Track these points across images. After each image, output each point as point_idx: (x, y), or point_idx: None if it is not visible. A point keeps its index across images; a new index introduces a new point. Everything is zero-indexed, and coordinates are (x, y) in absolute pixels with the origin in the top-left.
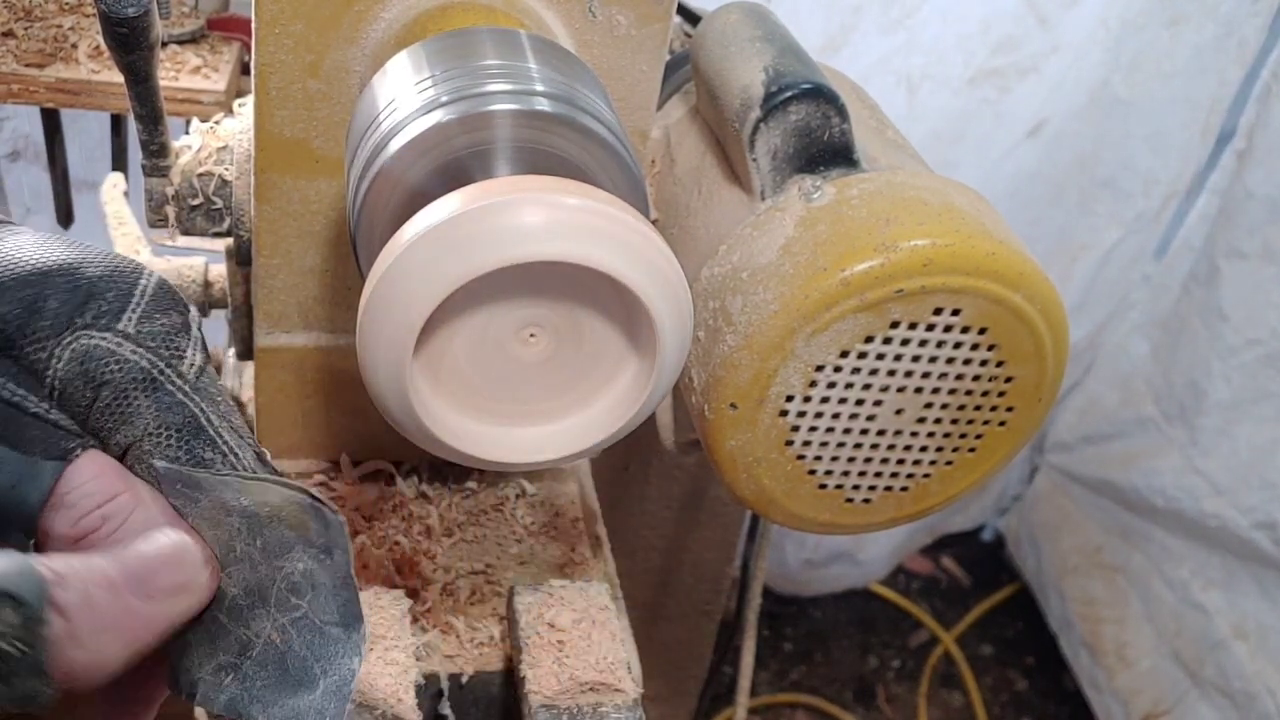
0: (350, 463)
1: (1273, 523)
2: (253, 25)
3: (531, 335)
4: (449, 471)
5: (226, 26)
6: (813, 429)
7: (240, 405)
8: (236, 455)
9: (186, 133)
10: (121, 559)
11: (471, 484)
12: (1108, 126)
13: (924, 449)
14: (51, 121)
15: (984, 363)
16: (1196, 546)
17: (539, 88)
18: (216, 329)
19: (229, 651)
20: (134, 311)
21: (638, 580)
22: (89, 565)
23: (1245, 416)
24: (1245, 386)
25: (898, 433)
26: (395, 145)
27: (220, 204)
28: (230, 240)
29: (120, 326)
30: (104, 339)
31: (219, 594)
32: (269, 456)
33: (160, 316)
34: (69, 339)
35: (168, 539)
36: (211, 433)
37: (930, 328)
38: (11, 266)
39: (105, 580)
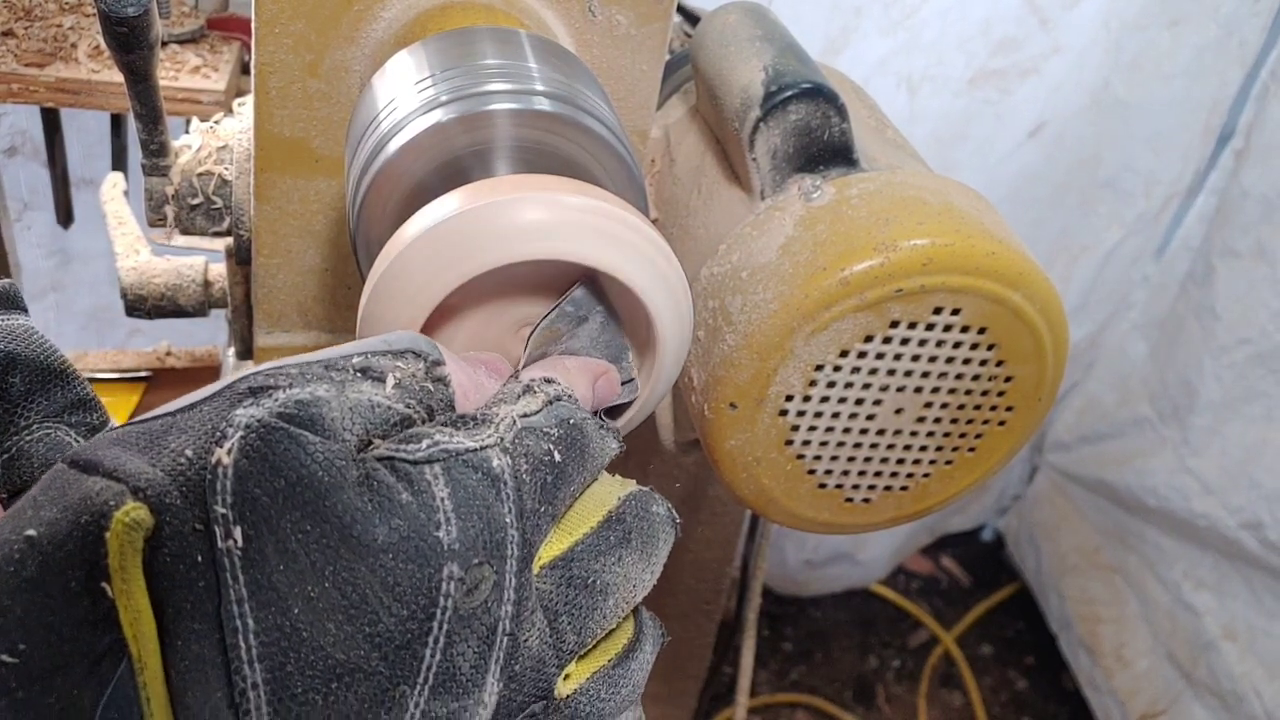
0: None
1: (1259, 523)
2: (252, 25)
3: None
4: None
5: (226, 26)
6: (812, 428)
7: None
8: None
9: (186, 132)
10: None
11: None
12: (1108, 127)
13: (924, 449)
14: (51, 121)
15: (984, 362)
16: (1188, 546)
17: (539, 87)
18: (216, 328)
19: None
20: None
21: None
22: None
23: (1235, 416)
24: (1235, 386)
25: (898, 432)
26: (395, 144)
27: (220, 203)
28: (230, 240)
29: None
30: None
31: None
32: None
33: None
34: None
35: None
36: None
37: (930, 327)
38: None
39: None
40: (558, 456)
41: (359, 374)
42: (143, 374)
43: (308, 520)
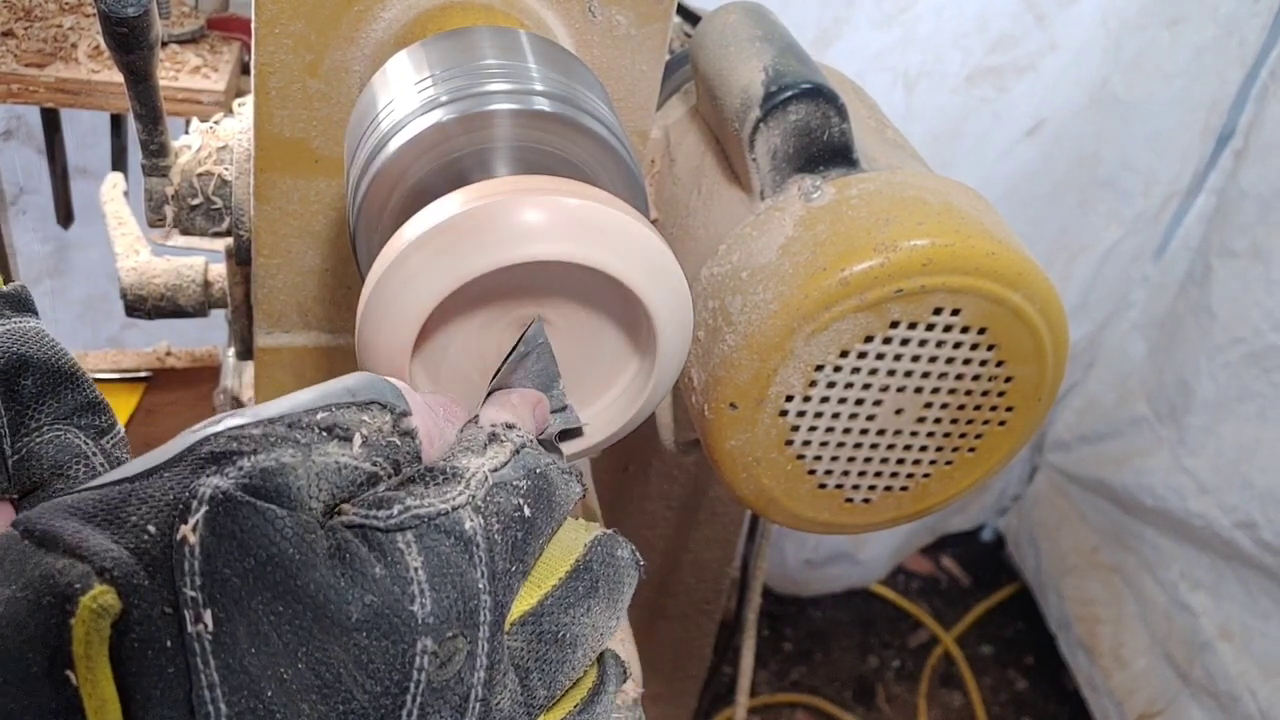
0: None
1: (1253, 522)
2: (252, 25)
3: None
4: None
5: (226, 26)
6: (812, 429)
7: (240, 405)
8: None
9: (186, 132)
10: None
11: None
12: (1107, 126)
13: (924, 449)
14: (51, 121)
15: (984, 362)
16: (1185, 546)
17: (539, 87)
18: (216, 328)
19: None
20: None
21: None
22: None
23: (1230, 415)
24: (1230, 385)
25: (898, 432)
26: (395, 145)
27: (220, 204)
28: (230, 240)
29: None
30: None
31: None
32: None
33: None
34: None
35: None
36: None
37: (930, 327)
38: None
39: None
40: (528, 511)
41: (324, 433)
42: (143, 374)
43: (279, 600)
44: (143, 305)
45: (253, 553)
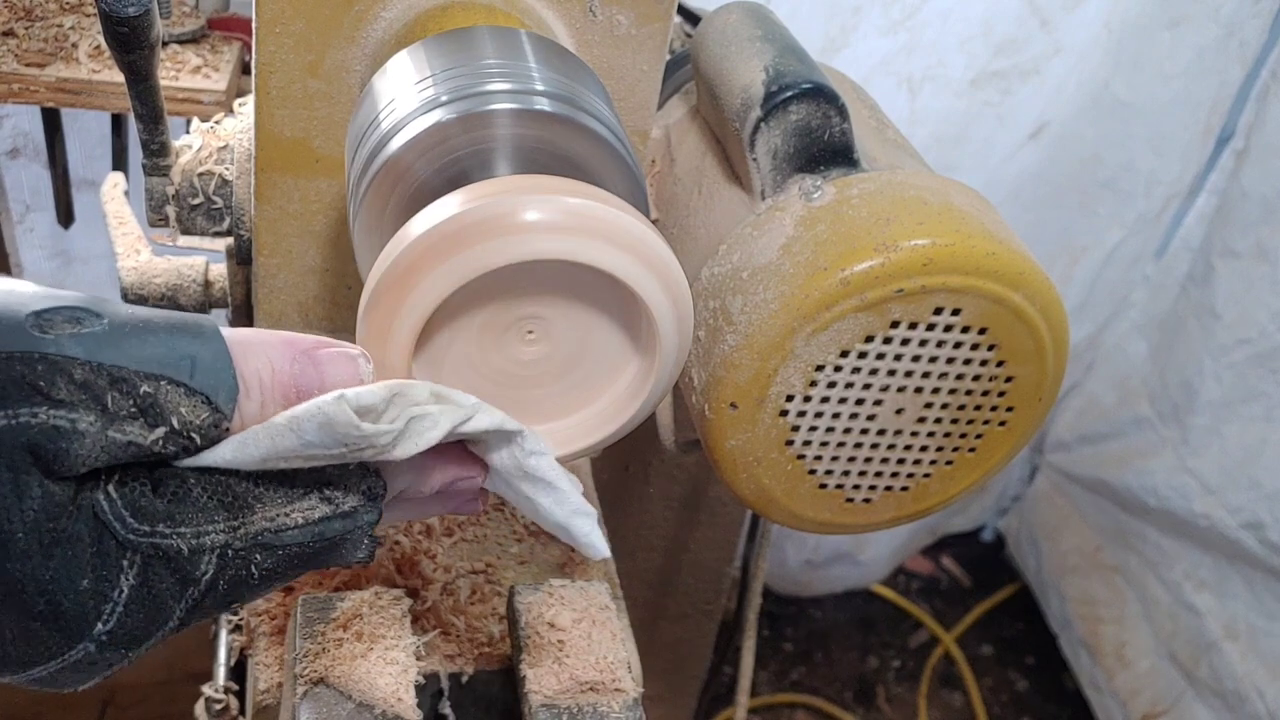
0: None
1: (1259, 523)
2: (253, 25)
3: (531, 334)
4: None
5: (227, 26)
6: (813, 429)
7: None
8: None
9: (187, 132)
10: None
11: None
12: (1109, 128)
13: (924, 449)
14: (52, 121)
15: (984, 363)
16: (1188, 547)
17: (539, 87)
18: None
19: None
20: None
21: (638, 580)
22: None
23: (1235, 416)
24: (1235, 386)
25: (898, 432)
26: (395, 144)
27: (220, 203)
28: (230, 240)
29: None
30: None
31: None
32: None
33: None
34: None
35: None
36: None
37: (930, 327)
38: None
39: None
40: (275, 583)
41: (137, 410)
42: None
43: None
44: (143, 305)
45: None
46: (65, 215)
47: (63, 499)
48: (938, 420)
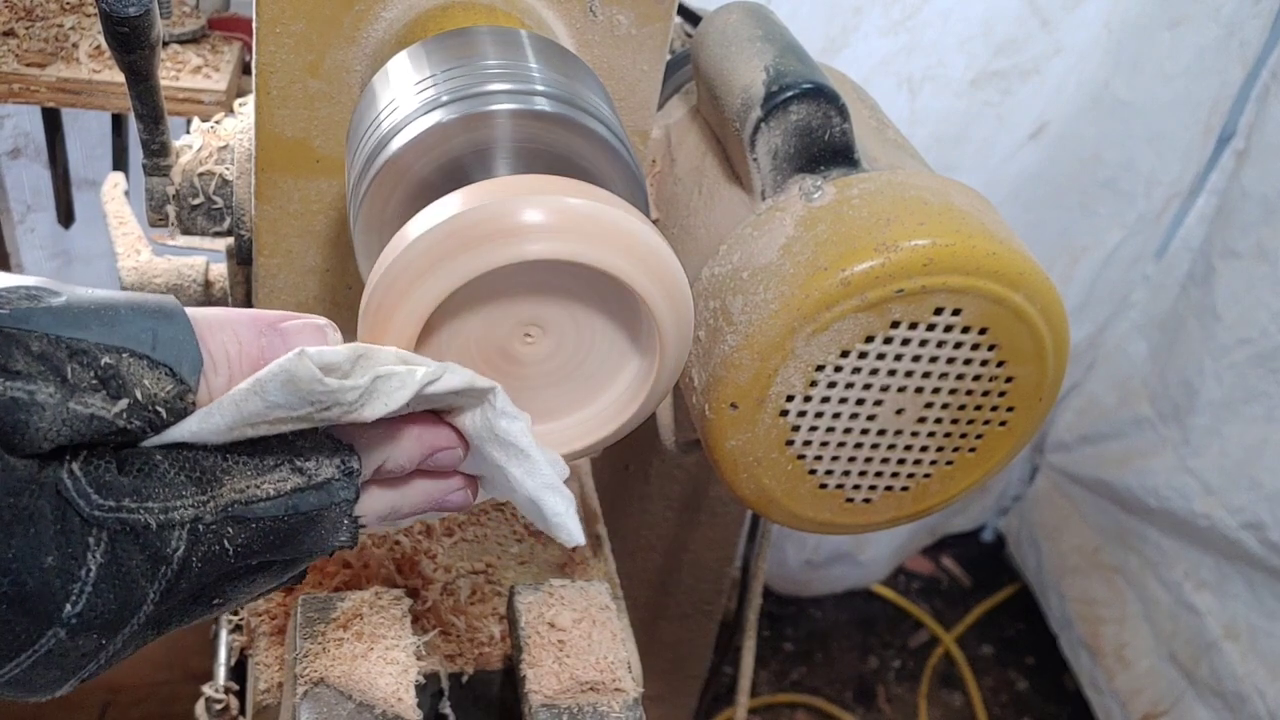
0: None
1: (1260, 523)
2: (253, 25)
3: (531, 335)
4: None
5: (227, 26)
6: (813, 429)
7: None
8: None
9: (187, 132)
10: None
11: None
12: (1109, 128)
13: (924, 449)
14: (52, 121)
15: (984, 363)
16: (1188, 547)
17: (539, 87)
18: None
19: None
20: None
21: (638, 580)
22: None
23: (1235, 416)
24: (1236, 386)
25: (898, 433)
26: (396, 145)
27: (221, 203)
28: (231, 240)
29: None
30: None
31: None
32: None
33: None
34: None
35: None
36: None
37: (931, 328)
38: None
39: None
40: (253, 562)
41: (98, 382)
42: None
43: None
44: None
45: None
46: (65, 215)
47: (24, 475)
48: (938, 420)
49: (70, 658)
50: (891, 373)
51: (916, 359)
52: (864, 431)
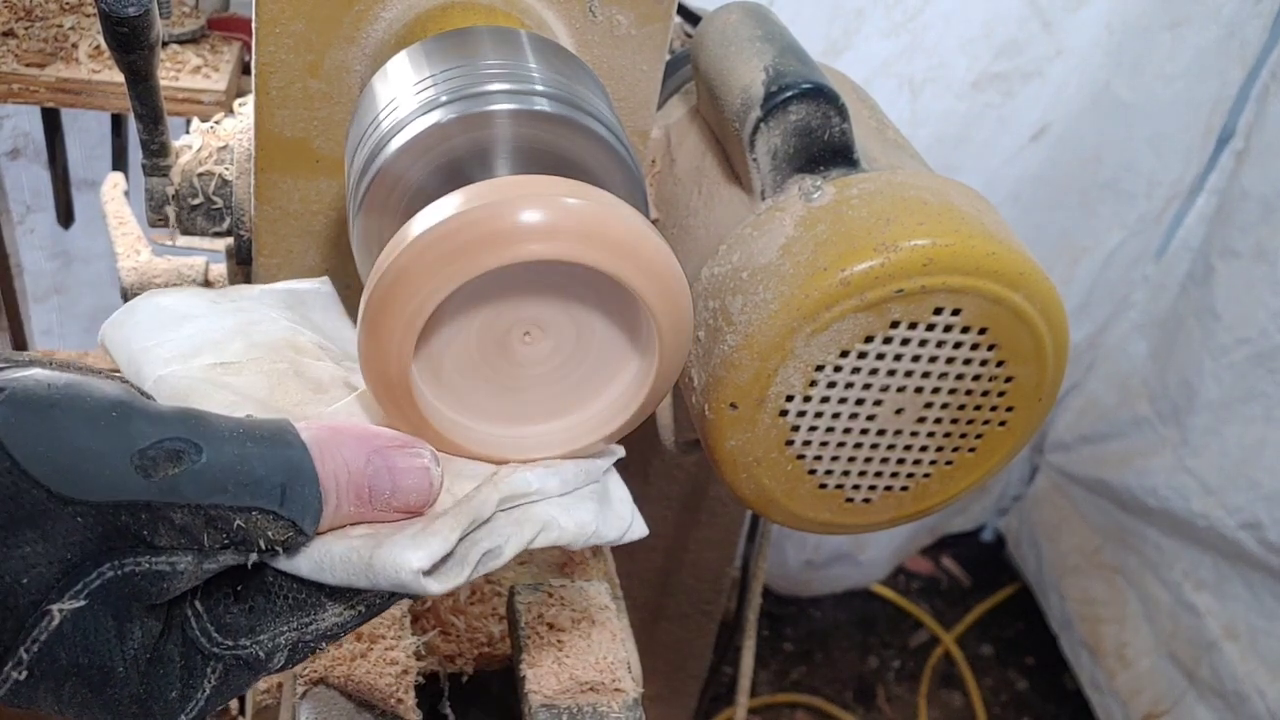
0: None
1: (1258, 523)
2: (253, 25)
3: (531, 335)
4: None
5: (227, 26)
6: (813, 429)
7: None
8: None
9: (187, 132)
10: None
11: None
12: (1110, 129)
13: (924, 449)
14: (52, 121)
15: (984, 363)
16: (1187, 547)
17: (539, 87)
18: None
19: None
20: None
21: (638, 580)
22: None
23: (1234, 416)
24: (1235, 385)
25: (898, 433)
26: (395, 145)
27: (220, 204)
28: (230, 240)
29: None
30: None
31: None
32: None
33: None
34: None
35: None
36: None
37: (930, 328)
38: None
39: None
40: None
41: (228, 541)
42: None
43: (85, 687)
44: None
45: (89, 656)
46: (65, 215)
47: (157, 627)
48: (938, 420)
49: None
50: (891, 373)
51: (916, 359)
52: (864, 431)
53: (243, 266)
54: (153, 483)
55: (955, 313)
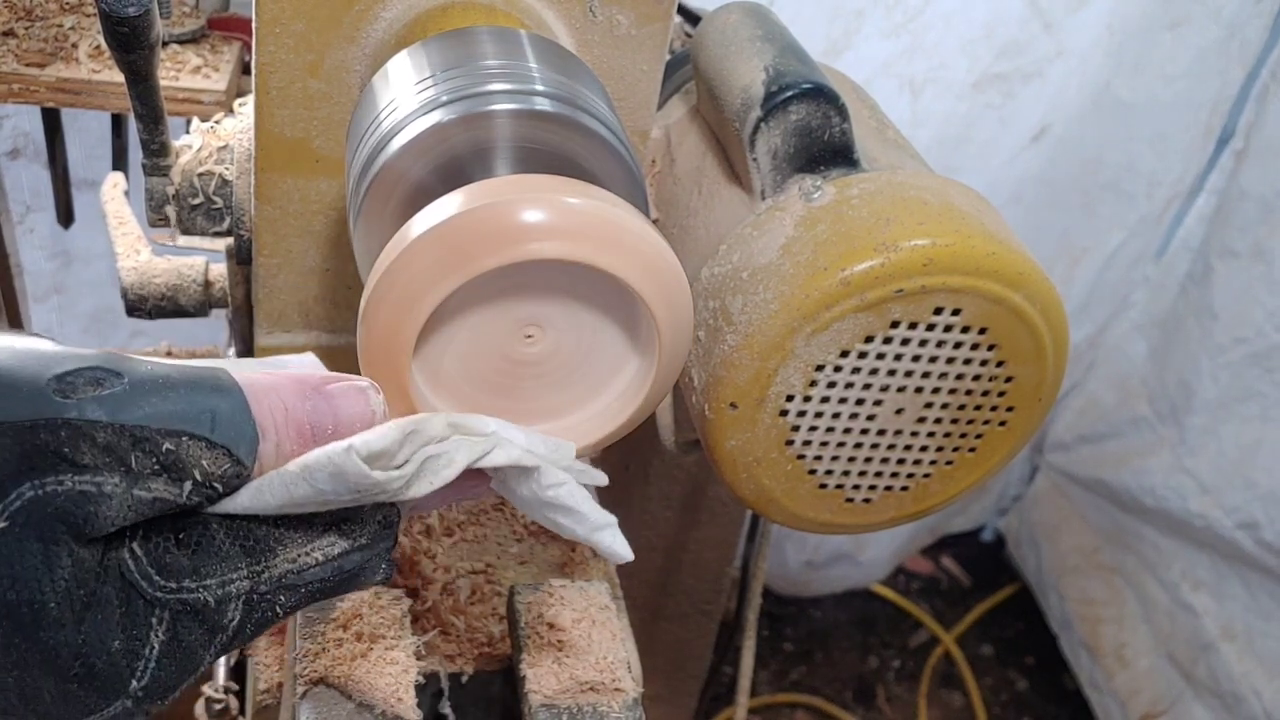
0: None
1: (1255, 523)
2: (253, 25)
3: (531, 334)
4: None
5: (227, 26)
6: (813, 429)
7: None
8: None
9: (187, 132)
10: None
11: None
12: (1111, 129)
13: (924, 449)
14: (52, 121)
15: (984, 363)
16: (1186, 547)
17: (539, 87)
18: (217, 328)
19: None
20: None
21: (638, 580)
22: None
23: (1232, 415)
24: (1232, 385)
25: (898, 432)
26: (395, 145)
27: (220, 203)
28: (230, 240)
29: None
30: None
31: None
32: None
33: None
34: None
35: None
36: None
37: (930, 327)
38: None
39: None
40: (298, 618)
41: (160, 468)
42: None
43: (16, 633)
44: (143, 305)
45: (17, 590)
46: (65, 215)
47: (91, 563)
48: (938, 420)
49: (136, 717)
50: (891, 373)
51: (916, 359)
52: (864, 431)
53: (243, 266)
54: (71, 403)
55: (955, 313)
